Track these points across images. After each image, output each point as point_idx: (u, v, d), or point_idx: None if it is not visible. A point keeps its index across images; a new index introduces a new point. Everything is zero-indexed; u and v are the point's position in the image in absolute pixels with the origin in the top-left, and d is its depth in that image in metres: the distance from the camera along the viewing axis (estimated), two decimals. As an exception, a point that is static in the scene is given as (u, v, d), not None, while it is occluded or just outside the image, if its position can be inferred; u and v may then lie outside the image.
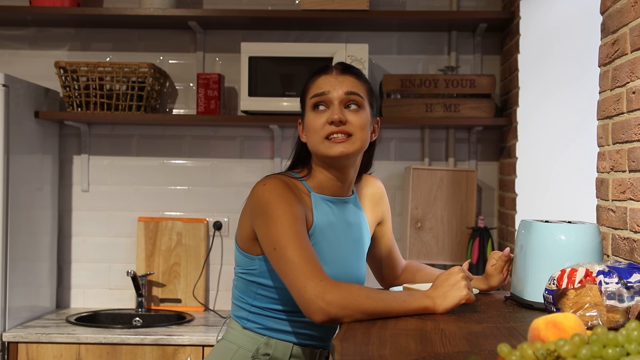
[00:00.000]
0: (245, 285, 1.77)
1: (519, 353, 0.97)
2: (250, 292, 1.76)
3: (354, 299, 1.50)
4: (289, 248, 1.57)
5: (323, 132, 1.73)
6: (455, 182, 3.26)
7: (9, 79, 2.96)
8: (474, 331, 1.39)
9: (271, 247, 1.61)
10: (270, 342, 1.74)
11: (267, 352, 1.73)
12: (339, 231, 1.78)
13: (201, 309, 3.41)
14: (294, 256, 1.56)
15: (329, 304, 1.49)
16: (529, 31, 2.95)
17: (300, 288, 1.53)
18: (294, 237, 1.59)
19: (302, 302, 1.53)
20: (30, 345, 2.92)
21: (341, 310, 1.49)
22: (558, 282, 1.45)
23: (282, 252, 1.58)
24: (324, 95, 1.75)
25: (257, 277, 1.74)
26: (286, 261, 1.57)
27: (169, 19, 3.29)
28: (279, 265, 1.59)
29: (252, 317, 1.76)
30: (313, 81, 1.79)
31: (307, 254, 1.57)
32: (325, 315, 1.50)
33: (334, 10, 3.15)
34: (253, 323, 1.76)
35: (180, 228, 3.45)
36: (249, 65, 3.15)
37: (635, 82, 1.69)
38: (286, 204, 1.64)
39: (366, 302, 1.50)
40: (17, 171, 3.03)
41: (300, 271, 1.54)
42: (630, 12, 1.72)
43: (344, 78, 1.77)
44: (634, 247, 1.69)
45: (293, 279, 1.55)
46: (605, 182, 1.89)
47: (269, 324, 1.75)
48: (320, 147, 1.74)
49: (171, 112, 3.52)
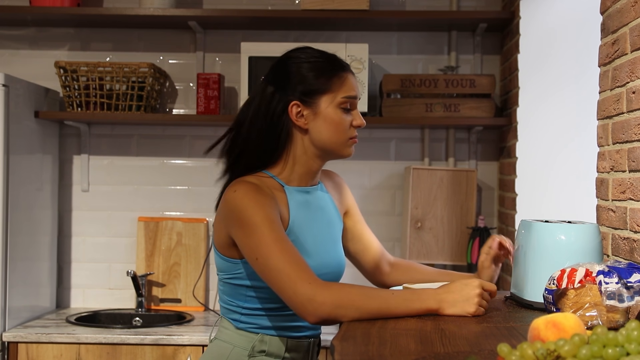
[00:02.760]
0: (233, 290, 1.76)
1: (519, 353, 0.97)
2: (239, 296, 1.75)
3: (346, 297, 1.50)
4: (272, 256, 1.56)
5: (350, 133, 1.76)
6: (455, 182, 3.26)
7: (9, 79, 2.96)
8: (474, 331, 1.39)
9: (253, 257, 1.59)
10: (265, 339, 1.74)
11: (262, 349, 1.73)
12: (315, 218, 1.78)
13: (201, 309, 3.41)
14: (279, 263, 1.55)
15: (322, 304, 1.50)
16: (529, 31, 2.95)
17: (291, 294, 1.53)
18: (275, 243, 1.57)
19: (295, 306, 1.54)
20: (30, 345, 2.92)
21: (334, 309, 1.49)
22: (558, 282, 1.45)
23: (266, 261, 1.57)
24: (356, 99, 1.77)
25: (245, 280, 1.72)
26: (271, 269, 1.56)
27: (169, 19, 3.29)
28: (264, 274, 1.58)
29: (244, 318, 1.75)
30: (344, 78, 1.76)
31: (290, 258, 1.56)
32: (318, 317, 1.51)
33: (334, 10, 3.15)
34: (246, 323, 1.75)
35: (180, 228, 3.45)
36: (249, 65, 3.15)
37: (635, 82, 1.69)
38: (260, 209, 1.61)
39: (360, 299, 1.50)
40: (17, 171, 3.03)
41: (288, 277, 1.54)
42: (630, 12, 1.72)
43: (356, 80, 1.81)
44: (634, 247, 1.69)
45: (282, 286, 1.55)
46: (605, 182, 1.89)
47: (262, 322, 1.74)
48: (341, 147, 1.76)
49: (171, 112, 3.52)
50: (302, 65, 1.76)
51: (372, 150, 3.47)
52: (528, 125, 2.96)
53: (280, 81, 1.76)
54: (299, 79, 1.74)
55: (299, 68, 1.76)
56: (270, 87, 1.76)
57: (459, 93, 3.25)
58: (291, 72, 1.76)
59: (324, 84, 1.73)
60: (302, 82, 1.74)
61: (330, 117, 1.73)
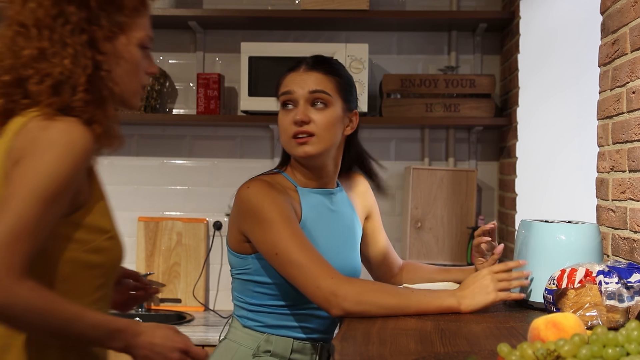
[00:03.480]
0: (242, 285, 1.77)
1: (519, 353, 0.97)
2: (247, 291, 1.76)
3: (368, 292, 1.53)
4: (292, 250, 1.58)
5: (290, 131, 1.72)
6: (455, 182, 3.26)
7: (9, 79, 2.95)
8: (474, 331, 1.39)
9: (272, 252, 1.60)
10: (270, 339, 1.74)
11: (267, 349, 1.73)
12: (329, 221, 1.78)
13: (201, 309, 3.41)
14: (300, 258, 1.57)
15: (344, 299, 1.51)
16: (529, 31, 2.95)
17: (314, 288, 1.55)
18: (294, 238, 1.59)
19: (318, 300, 1.55)
20: (30, 345, 2.92)
21: (356, 305, 1.51)
22: (558, 282, 1.45)
23: (286, 256, 1.58)
24: (289, 94, 1.74)
25: (253, 275, 1.74)
26: (293, 264, 1.57)
27: (169, 19, 3.28)
28: (285, 269, 1.59)
29: (251, 315, 1.76)
30: (282, 79, 1.78)
31: (311, 253, 1.58)
32: (342, 309, 1.52)
33: (334, 10, 3.15)
34: (252, 321, 1.76)
35: (180, 228, 3.45)
36: (249, 65, 3.15)
37: (635, 82, 1.69)
38: (275, 205, 1.63)
39: (381, 296, 1.52)
40: (17, 171, 3.02)
41: (310, 272, 1.56)
42: (630, 12, 1.72)
43: (309, 75, 1.74)
44: (634, 247, 1.69)
45: (304, 281, 1.56)
46: (605, 182, 1.89)
47: (268, 320, 1.75)
48: (287, 146, 1.75)
49: (171, 112, 3.52)
50: None
51: (372, 150, 3.42)
52: (528, 125, 2.96)
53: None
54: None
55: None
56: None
57: (459, 93, 3.25)
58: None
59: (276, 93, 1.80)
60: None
61: (278, 121, 1.78)
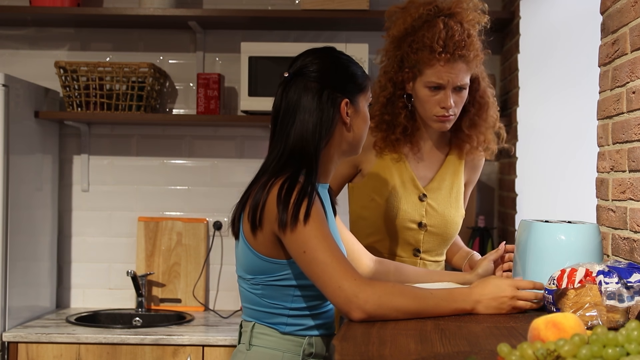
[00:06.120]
0: (278, 292, 1.70)
1: (519, 353, 0.97)
2: (286, 297, 1.70)
3: (388, 297, 1.53)
4: (320, 249, 1.57)
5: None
6: (455, 182, 3.25)
7: (9, 79, 2.96)
8: (474, 331, 1.39)
9: (300, 250, 1.59)
10: (311, 341, 1.72)
11: (311, 352, 1.72)
12: (330, 216, 1.78)
13: (201, 309, 3.41)
14: (326, 257, 1.57)
15: (365, 302, 1.52)
16: (529, 31, 2.95)
17: (335, 288, 1.55)
18: (323, 238, 1.59)
19: (338, 301, 1.55)
20: (30, 345, 2.92)
21: (377, 309, 1.52)
22: (558, 282, 1.45)
23: (313, 254, 1.57)
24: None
25: (294, 280, 1.68)
26: (318, 263, 1.57)
27: (169, 19, 3.29)
28: (310, 267, 1.59)
29: (291, 320, 1.71)
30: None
31: (337, 253, 1.58)
32: (362, 312, 1.52)
33: (333, 10, 3.15)
34: (293, 326, 1.71)
35: (180, 228, 3.45)
36: (249, 65, 3.15)
37: (635, 82, 1.69)
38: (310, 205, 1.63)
39: (400, 300, 1.53)
40: (17, 171, 3.03)
41: (334, 271, 1.56)
42: (630, 12, 1.72)
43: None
44: (634, 247, 1.69)
45: (326, 280, 1.56)
46: (605, 182, 1.89)
47: (308, 322, 1.72)
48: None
49: (171, 112, 3.52)
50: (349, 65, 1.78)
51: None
52: (528, 126, 2.96)
53: (333, 79, 1.75)
54: (349, 77, 1.76)
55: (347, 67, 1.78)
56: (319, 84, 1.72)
57: (459, 93, 3.24)
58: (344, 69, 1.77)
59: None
60: (352, 81, 1.75)
61: (367, 116, 1.79)
